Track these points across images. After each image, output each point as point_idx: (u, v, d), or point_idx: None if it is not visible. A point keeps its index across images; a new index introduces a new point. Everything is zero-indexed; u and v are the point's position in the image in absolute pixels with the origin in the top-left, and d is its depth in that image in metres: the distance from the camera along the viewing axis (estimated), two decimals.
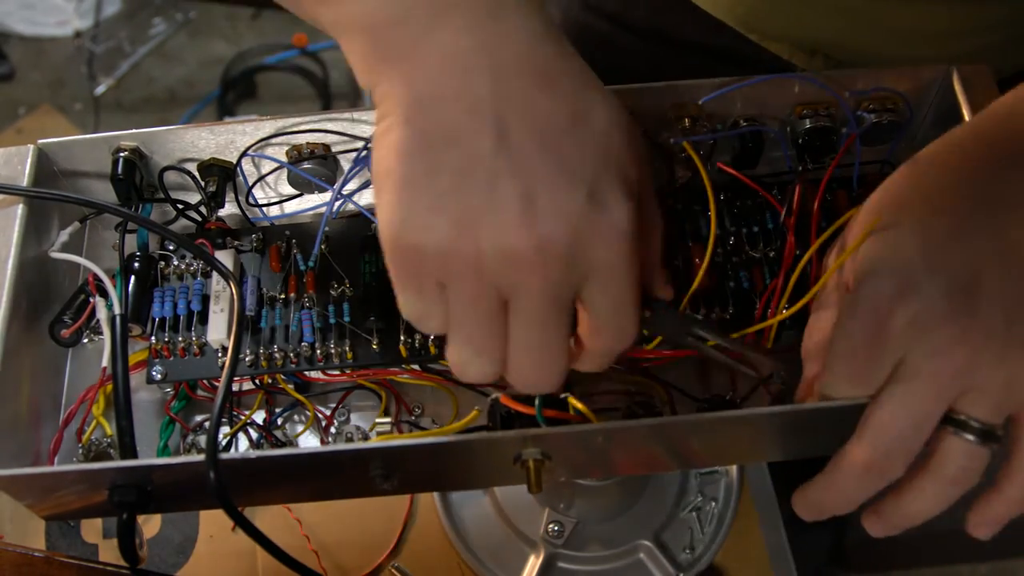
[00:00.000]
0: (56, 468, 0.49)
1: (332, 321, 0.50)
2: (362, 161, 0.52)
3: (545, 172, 0.34)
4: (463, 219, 0.34)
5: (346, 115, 0.52)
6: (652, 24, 0.64)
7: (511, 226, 0.34)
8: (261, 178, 0.54)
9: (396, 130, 0.35)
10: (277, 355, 0.50)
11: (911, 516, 0.41)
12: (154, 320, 0.51)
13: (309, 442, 0.53)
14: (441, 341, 0.46)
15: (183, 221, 0.54)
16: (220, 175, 0.53)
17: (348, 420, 0.53)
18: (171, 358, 0.50)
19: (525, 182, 0.34)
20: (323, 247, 0.52)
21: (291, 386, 0.52)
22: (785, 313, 0.48)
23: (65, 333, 0.50)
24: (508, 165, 0.34)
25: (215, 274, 0.51)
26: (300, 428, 0.53)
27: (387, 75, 0.35)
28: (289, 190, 0.55)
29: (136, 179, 0.52)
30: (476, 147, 0.34)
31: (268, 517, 0.66)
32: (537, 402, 0.45)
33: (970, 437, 0.39)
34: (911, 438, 0.39)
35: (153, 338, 0.51)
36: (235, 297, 0.47)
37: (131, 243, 0.52)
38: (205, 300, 0.51)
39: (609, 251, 0.36)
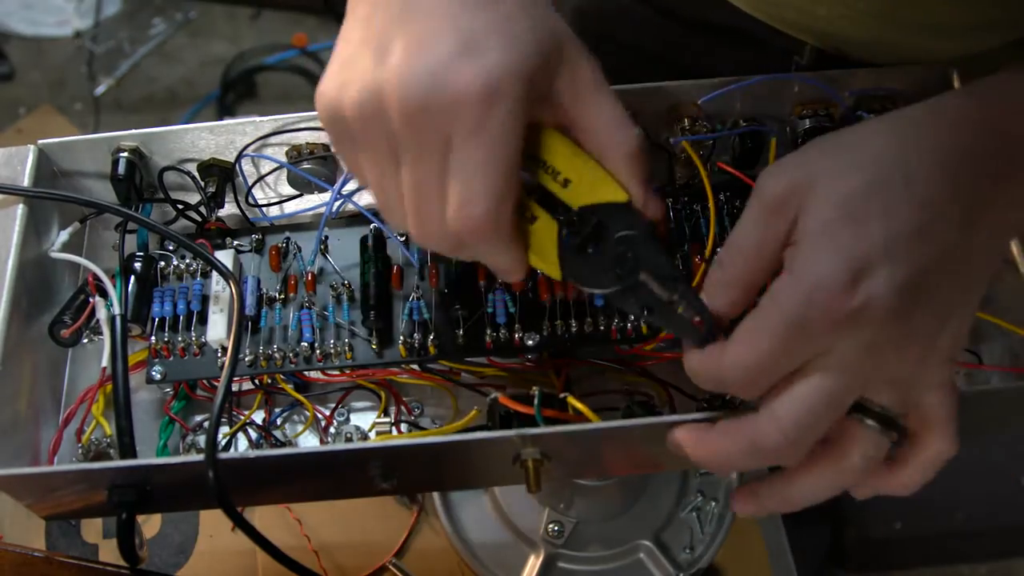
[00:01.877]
0: (56, 468, 0.49)
1: (331, 321, 0.50)
2: None
3: None
4: None
5: None
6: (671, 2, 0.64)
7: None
8: (261, 178, 0.54)
9: None
10: (276, 355, 0.50)
11: (793, 501, 0.40)
12: (154, 320, 0.51)
13: (308, 442, 0.53)
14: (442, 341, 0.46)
15: (183, 221, 0.54)
16: (220, 175, 0.53)
17: (347, 420, 0.53)
18: (171, 358, 0.50)
19: None
20: (322, 247, 0.52)
21: (290, 386, 0.52)
22: None
23: (65, 333, 0.50)
24: None
25: (215, 274, 0.51)
26: (299, 428, 0.53)
27: None
28: (289, 190, 0.55)
29: (136, 179, 0.52)
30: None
31: (268, 517, 0.66)
32: (536, 402, 0.45)
33: (873, 424, 0.38)
34: (825, 421, 0.38)
35: (153, 338, 0.51)
36: (235, 297, 0.47)
37: (131, 243, 0.52)
38: (205, 300, 0.51)
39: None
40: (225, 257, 0.52)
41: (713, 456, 0.40)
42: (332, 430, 0.53)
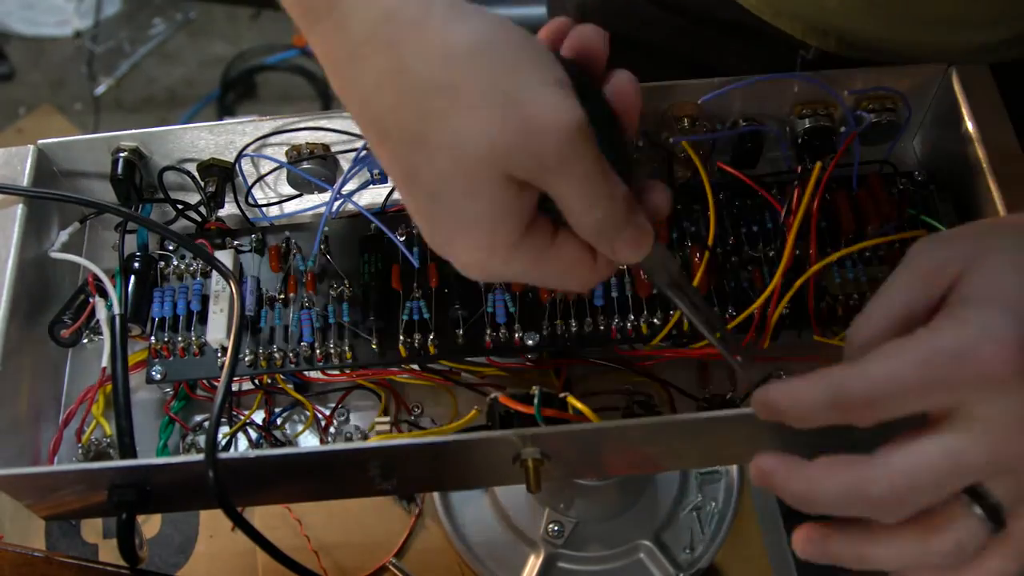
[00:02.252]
0: (56, 468, 0.49)
1: (331, 321, 0.50)
2: (361, 161, 0.52)
3: None
4: None
5: (346, 115, 0.52)
6: None
7: None
8: (260, 178, 0.54)
9: None
10: (276, 355, 0.50)
11: (867, 561, 0.36)
12: (154, 320, 0.51)
13: (308, 442, 0.53)
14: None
15: (183, 221, 0.54)
16: (220, 175, 0.53)
17: (347, 420, 0.53)
18: (171, 358, 0.50)
19: None
20: (322, 247, 0.52)
21: (290, 386, 0.52)
22: (780, 308, 0.48)
23: (65, 333, 0.50)
24: None
25: (215, 274, 0.51)
26: (299, 428, 0.53)
27: None
28: (289, 190, 0.55)
29: (136, 179, 0.52)
30: None
31: (268, 517, 0.66)
32: (536, 402, 0.45)
33: (980, 513, 0.34)
34: (940, 489, 0.34)
35: (153, 338, 0.51)
36: (235, 297, 0.47)
37: (131, 243, 0.52)
38: (205, 300, 0.51)
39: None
40: (225, 257, 0.52)
41: (806, 495, 0.35)
42: (332, 430, 0.53)
